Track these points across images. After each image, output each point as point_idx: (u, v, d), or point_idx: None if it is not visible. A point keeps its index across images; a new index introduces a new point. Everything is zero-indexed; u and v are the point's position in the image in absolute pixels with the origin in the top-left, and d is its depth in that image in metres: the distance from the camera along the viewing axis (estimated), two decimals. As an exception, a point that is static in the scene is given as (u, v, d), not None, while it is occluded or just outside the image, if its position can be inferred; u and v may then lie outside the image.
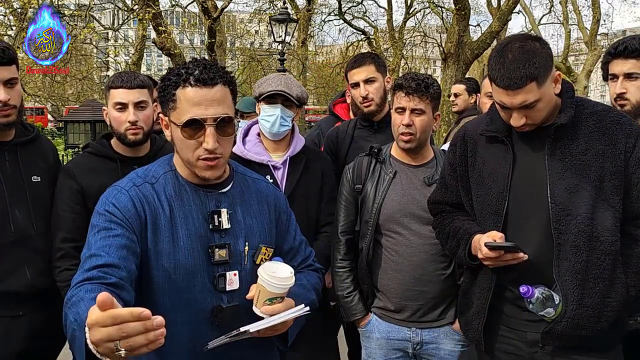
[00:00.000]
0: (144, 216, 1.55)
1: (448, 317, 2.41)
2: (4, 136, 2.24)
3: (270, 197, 1.78)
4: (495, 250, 1.83)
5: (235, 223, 1.65)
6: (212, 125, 1.53)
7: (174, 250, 1.55)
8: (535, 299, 1.83)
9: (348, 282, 2.49)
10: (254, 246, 1.67)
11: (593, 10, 21.66)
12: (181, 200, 1.61)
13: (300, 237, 1.88)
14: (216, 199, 1.65)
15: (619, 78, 2.30)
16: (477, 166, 2.03)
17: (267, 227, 1.73)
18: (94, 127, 18.75)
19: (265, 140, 2.61)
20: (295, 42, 19.38)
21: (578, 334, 1.85)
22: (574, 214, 1.82)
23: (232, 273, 1.61)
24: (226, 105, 1.56)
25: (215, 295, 1.60)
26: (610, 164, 1.83)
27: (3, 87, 2.12)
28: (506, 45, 1.82)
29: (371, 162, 2.49)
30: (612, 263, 1.83)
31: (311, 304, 1.71)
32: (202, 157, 1.56)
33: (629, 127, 1.87)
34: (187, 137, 1.54)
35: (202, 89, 1.52)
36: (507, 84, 1.78)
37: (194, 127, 1.53)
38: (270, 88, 2.52)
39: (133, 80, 2.36)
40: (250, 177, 1.81)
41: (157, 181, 1.63)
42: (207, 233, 1.60)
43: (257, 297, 1.56)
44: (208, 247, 1.59)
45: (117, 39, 30.72)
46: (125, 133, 2.35)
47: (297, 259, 1.83)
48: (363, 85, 2.98)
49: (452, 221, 2.12)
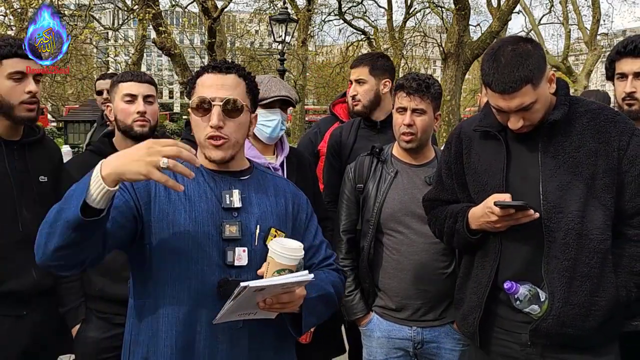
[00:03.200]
0: (155, 189, 1.63)
1: (449, 316, 2.41)
2: (14, 135, 2.24)
3: (288, 193, 1.82)
4: (505, 209, 1.82)
5: (247, 205, 1.69)
6: (218, 104, 1.63)
7: (185, 223, 1.61)
8: (521, 295, 1.84)
9: (349, 281, 2.49)
10: (265, 229, 1.69)
11: (593, 10, 21.66)
12: (197, 182, 1.67)
13: (322, 238, 1.89)
14: (230, 183, 1.71)
15: (629, 77, 2.28)
16: (472, 162, 2.03)
17: (282, 218, 1.75)
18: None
19: (255, 143, 2.57)
20: (295, 42, 19.40)
21: (565, 332, 1.84)
22: (565, 212, 1.83)
23: (241, 249, 1.64)
24: (237, 93, 1.66)
25: (224, 269, 1.62)
26: (603, 162, 1.83)
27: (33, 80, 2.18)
28: (498, 49, 1.81)
29: (373, 161, 2.50)
30: (600, 261, 1.83)
31: (328, 296, 1.73)
32: (208, 135, 1.64)
33: (623, 125, 1.87)
34: (198, 115, 1.65)
35: (216, 75, 1.68)
36: (502, 89, 1.77)
37: (204, 107, 1.64)
38: (273, 93, 2.49)
39: (143, 76, 2.46)
40: (271, 174, 1.87)
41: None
42: (219, 211, 1.65)
43: (266, 271, 1.57)
44: (220, 224, 1.64)
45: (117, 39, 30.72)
46: (132, 125, 2.38)
47: (317, 257, 1.84)
48: (354, 85, 3.06)
49: (447, 207, 2.12)
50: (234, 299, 1.46)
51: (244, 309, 1.55)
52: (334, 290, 1.78)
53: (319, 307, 1.70)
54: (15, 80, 2.14)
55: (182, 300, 1.60)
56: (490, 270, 1.96)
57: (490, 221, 1.88)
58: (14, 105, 2.14)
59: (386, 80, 3.04)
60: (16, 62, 2.12)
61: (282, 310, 1.59)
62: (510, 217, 1.83)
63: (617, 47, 2.35)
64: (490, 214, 1.86)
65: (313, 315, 1.69)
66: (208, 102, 1.63)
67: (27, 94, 2.15)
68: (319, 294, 1.68)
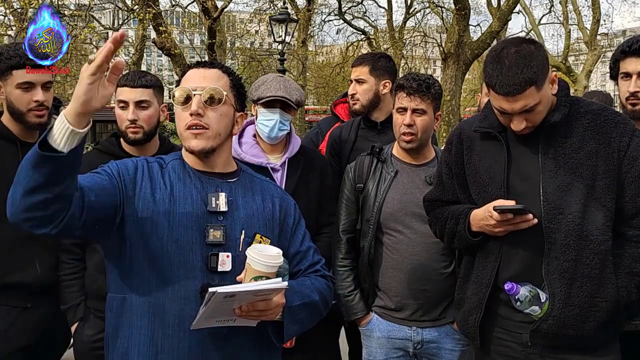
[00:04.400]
0: (140, 183, 1.61)
1: (449, 316, 2.41)
2: (30, 137, 2.34)
3: (276, 198, 1.79)
4: (504, 213, 1.82)
5: (233, 209, 1.67)
6: (198, 94, 1.62)
7: (169, 224, 1.58)
8: (521, 296, 1.84)
9: (349, 281, 2.50)
10: (250, 235, 1.67)
11: (593, 10, 21.67)
12: (183, 183, 1.65)
13: (310, 244, 1.84)
14: (217, 185, 1.68)
15: (633, 77, 2.27)
16: (473, 163, 2.03)
17: (268, 223, 1.72)
18: (94, 127, 18.77)
19: (261, 142, 2.58)
20: (295, 42, 19.39)
21: (565, 332, 1.84)
22: (566, 213, 1.82)
23: (225, 254, 1.61)
24: (219, 85, 1.66)
25: (207, 274, 1.59)
26: (603, 163, 1.83)
27: (41, 89, 2.29)
28: (501, 50, 1.80)
29: (372, 161, 2.50)
30: (601, 262, 1.82)
31: (313, 303, 1.70)
32: (188, 124, 1.63)
33: (623, 126, 1.86)
34: (179, 106, 1.64)
35: (199, 69, 1.69)
36: (506, 91, 1.76)
37: (185, 97, 1.64)
38: (270, 93, 2.48)
39: (137, 80, 2.40)
40: (259, 178, 1.83)
41: (167, 165, 1.71)
42: (204, 214, 1.63)
43: (244, 277, 1.55)
44: (204, 228, 1.61)
45: (117, 39, 30.63)
46: (126, 131, 2.38)
47: (303, 264, 1.80)
48: (354, 84, 3.07)
49: (448, 208, 2.12)
50: (205, 305, 1.45)
51: (220, 316, 1.52)
52: (319, 297, 1.74)
53: (303, 315, 1.67)
54: (23, 89, 2.26)
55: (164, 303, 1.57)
56: (490, 271, 1.96)
57: (489, 224, 1.88)
58: (24, 112, 2.28)
59: (386, 81, 3.02)
60: (24, 73, 2.22)
61: (260, 318, 1.56)
62: (509, 222, 1.84)
63: (622, 47, 2.34)
64: (489, 217, 1.87)
65: (296, 323, 1.66)
66: (189, 92, 1.63)
67: (35, 103, 2.28)
68: (303, 301, 1.65)
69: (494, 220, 1.85)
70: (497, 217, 1.83)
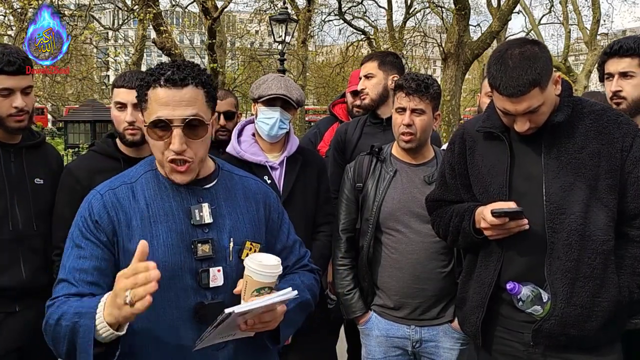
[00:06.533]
0: (116, 220, 1.54)
1: (447, 315, 2.42)
2: (12, 139, 2.31)
3: (259, 195, 1.73)
4: (500, 217, 1.82)
5: (219, 218, 1.60)
6: (179, 126, 1.49)
7: (151, 248, 1.44)
8: (523, 296, 1.84)
9: (348, 280, 2.51)
10: (239, 242, 1.61)
11: (593, 10, 21.69)
12: (161, 198, 1.57)
13: (295, 237, 1.81)
14: (198, 195, 1.60)
15: (615, 76, 2.32)
16: (475, 163, 2.03)
17: (255, 224, 1.67)
18: (93, 127, 18.77)
19: (260, 141, 2.60)
20: (295, 42, 19.39)
21: (567, 332, 1.85)
22: (568, 213, 1.83)
23: (216, 269, 1.55)
24: (197, 107, 1.51)
25: (199, 292, 1.55)
26: (606, 163, 1.83)
27: (20, 95, 2.23)
28: (505, 51, 1.80)
29: (372, 160, 2.51)
30: (603, 262, 1.83)
31: (305, 303, 1.69)
32: (169, 159, 1.52)
33: (626, 126, 1.87)
34: (155, 138, 1.52)
35: (171, 90, 1.49)
36: (511, 92, 1.77)
37: (161, 127, 1.50)
38: (271, 91, 2.50)
39: (135, 81, 2.35)
40: (238, 174, 1.75)
41: (137, 180, 1.61)
42: (188, 229, 1.56)
43: (244, 290, 1.50)
44: (190, 243, 1.55)
45: (117, 39, 30.73)
46: (124, 133, 2.36)
47: (291, 259, 1.77)
48: (362, 80, 3.10)
49: (453, 206, 2.12)
50: (216, 326, 1.40)
51: (225, 332, 1.49)
52: (311, 295, 1.73)
53: (297, 316, 1.66)
54: (2, 96, 2.19)
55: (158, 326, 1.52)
56: (493, 270, 1.97)
57: (482, 227, 1.89)
58: (4, 117, 2.22)
59: (394, 75, 3.05)
60: (3, 79, 2.17)
61: (264, 329, 1.53)
62: (501, 227, 1.84)
63: (605, 49, 2.40)
64: (482, 220, 1.88)
65: (291, 327, 1.65)
66: (166, 123, 1.49)
67: (14, 109, 2.22)
68: (297, 303, 1.62)
69: (486, 223, 1.86)
70: (490, 220, 1.83)
